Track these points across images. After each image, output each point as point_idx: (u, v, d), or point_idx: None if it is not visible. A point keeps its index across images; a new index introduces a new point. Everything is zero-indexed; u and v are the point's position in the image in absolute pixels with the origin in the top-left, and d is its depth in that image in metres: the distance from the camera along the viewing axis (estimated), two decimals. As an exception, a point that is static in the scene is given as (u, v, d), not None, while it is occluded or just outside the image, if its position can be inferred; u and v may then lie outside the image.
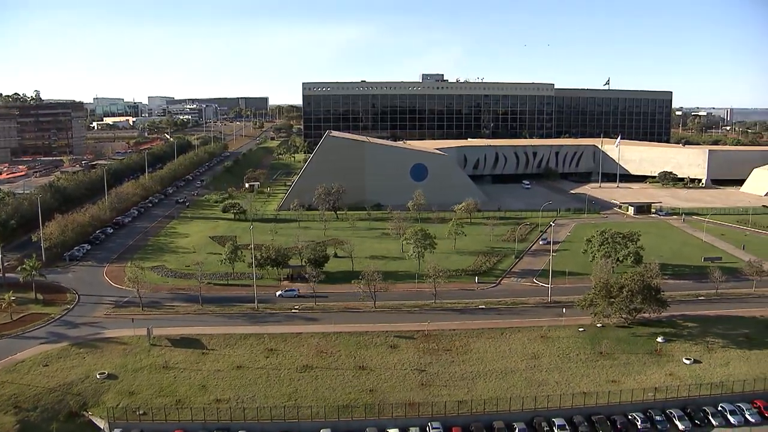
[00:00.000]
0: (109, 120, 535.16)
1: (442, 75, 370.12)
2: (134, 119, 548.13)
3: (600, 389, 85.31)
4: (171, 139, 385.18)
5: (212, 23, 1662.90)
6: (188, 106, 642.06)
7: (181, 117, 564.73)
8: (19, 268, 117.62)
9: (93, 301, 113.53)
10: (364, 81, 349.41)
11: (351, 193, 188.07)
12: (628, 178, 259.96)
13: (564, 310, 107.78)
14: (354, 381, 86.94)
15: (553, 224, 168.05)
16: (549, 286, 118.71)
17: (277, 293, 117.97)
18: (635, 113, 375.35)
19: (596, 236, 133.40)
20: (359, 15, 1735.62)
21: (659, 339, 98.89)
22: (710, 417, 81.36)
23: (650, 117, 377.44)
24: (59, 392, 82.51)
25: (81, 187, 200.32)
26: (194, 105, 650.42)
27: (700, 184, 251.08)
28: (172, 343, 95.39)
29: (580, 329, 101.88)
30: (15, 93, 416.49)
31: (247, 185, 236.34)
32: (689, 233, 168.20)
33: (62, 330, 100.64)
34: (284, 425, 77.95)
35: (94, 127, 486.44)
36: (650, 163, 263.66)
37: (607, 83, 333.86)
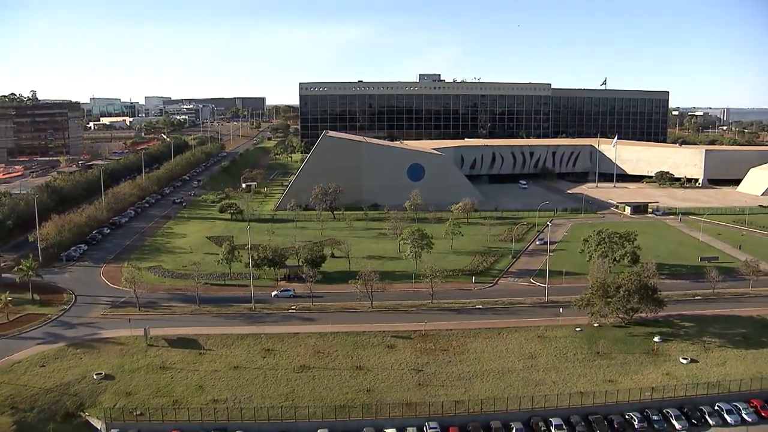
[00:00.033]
0: (106, 120, 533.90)
1: (439, 75, 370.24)
2: (131, 119, 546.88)
3: (597, 389, 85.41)
4: (168, 140, 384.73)
5: (211, 23, 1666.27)
6: (185, 107, 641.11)
7: (178, 117, 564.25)
8: (16, 269, 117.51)
9: (90, 302, 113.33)
10: (361, 81, 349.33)
11: (348, 193, 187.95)
12: (625, 178, 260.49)
13: (561, 310, 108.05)
14: (351, 381, 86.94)
15: (550, 224, 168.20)
16: (546, 286, 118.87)
17: (273, 293, 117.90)
18: (632, 113, 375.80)
19: (593, 236, 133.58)
20: (359, 15, 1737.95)
21: (656, 339, 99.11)
22: (707, 416, 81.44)
23: (647, 117, 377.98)
24: (56, 393, 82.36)
25: (78, 188, 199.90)
26: (191, 105, 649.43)
27: (697, 184, 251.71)
28: (169, 344, 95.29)
29: (577, 329, 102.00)
30: (11, 93, 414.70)
31: (244, 185, 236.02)
32: (686, 233, 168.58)
33: (59, 330, 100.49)
34: (281, 425, 77.92)
35: (91, 128, 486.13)
36: (647, 163, 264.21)
37: (604, 83, 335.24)
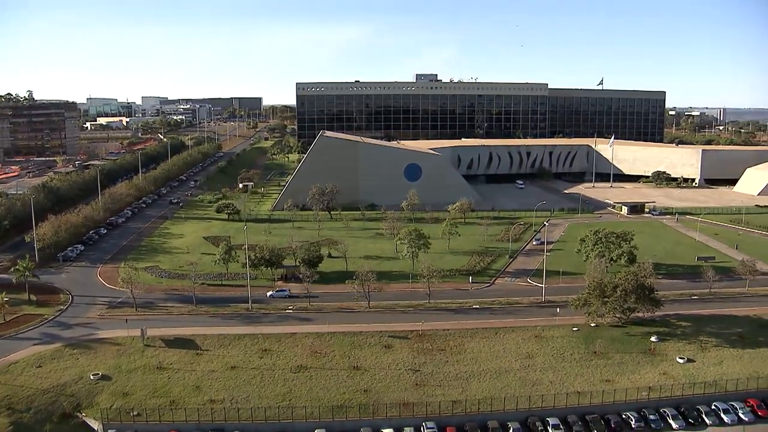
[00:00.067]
0: (103, 120, 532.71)
1: (436, 75, 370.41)
2: (128, 119, 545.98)
3: (594, 389, 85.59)
4: (164, 140, 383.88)
5: (209, 23, 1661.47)
6: (182, 107, 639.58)
7: (175, 117, 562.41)
8: (12, 269, 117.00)
9: (86, 302, 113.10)
10: (358, 81, 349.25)
11: (345, 194, 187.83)
12: (622, 178, 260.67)
13: (558, 310, 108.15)
14: (348, 381, 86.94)
15: (547, 224, 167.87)
16: (543, 286, 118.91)
17: (268, 293, 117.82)
18: (629, 113, 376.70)
19: (590, 236, 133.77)
20: (356, 15, 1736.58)
21: (653, 338, 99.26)
22: (704, 416, 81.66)
23: (644, 117, 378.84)
24: (53, 393, 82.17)
25: (74, 188, 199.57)
26: (188, 105, 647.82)
27: (694, 184, 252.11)
28: (166, 344, 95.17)
29: (574, 329, 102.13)
30: (8, 93, 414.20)
31: (241, 185, 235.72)
32: (682, 233, 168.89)
33: (56, 331, 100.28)
34: (278, 425, 77.91)
35: (88, 128, 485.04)
36: (644, 163, 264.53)
37: (601, 83, 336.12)
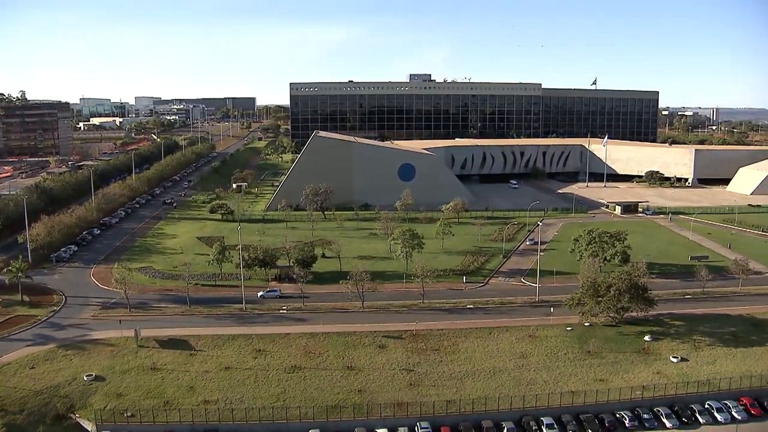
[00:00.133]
0: (96, 120, 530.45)
1: (430, 75, 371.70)
2: (121, 120, 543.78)
3: (588, 388, 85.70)
4: (158, 140, 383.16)
5: (203, 23, 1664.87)
6: (175, 107, 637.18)
7: (168, 117, 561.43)
8: (5, 270, 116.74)
9: (80, 303, 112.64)
10: (352, 81, 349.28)
11: (339, 194, 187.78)
12: (615, 178, 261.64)
13: (552, 310, 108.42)
14: (342, 381, 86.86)
15: (541, 224, 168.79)
16: (537, 286, 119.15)
17: (259, 294, 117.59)
18: (622, 113, 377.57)
19: (583, 235, 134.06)
20: (352, 15, 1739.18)
21: (646, 338, 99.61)
22: (697, 415, 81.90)
23: (637, 117, 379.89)
24: (46, 395, 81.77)
25: (67, 188, 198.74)
26: (181, 105, 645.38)
27: (687, 184, 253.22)
28: (160, 345, 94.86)
29: (568, 328, 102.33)
30: (0, 93, 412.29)
31: (235, 186, 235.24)
32: (676, 232, 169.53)
33: (49, 332, 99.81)
34: (272, 426, 77.74)
35: (81, 128, 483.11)
36: (637, 163, 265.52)
37: (594, 83, 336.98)
